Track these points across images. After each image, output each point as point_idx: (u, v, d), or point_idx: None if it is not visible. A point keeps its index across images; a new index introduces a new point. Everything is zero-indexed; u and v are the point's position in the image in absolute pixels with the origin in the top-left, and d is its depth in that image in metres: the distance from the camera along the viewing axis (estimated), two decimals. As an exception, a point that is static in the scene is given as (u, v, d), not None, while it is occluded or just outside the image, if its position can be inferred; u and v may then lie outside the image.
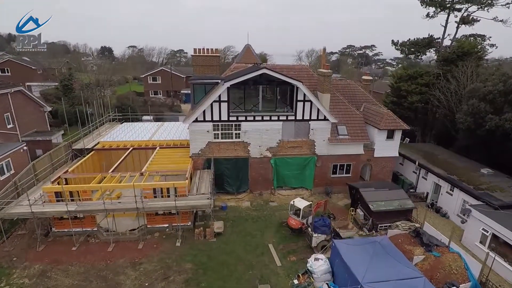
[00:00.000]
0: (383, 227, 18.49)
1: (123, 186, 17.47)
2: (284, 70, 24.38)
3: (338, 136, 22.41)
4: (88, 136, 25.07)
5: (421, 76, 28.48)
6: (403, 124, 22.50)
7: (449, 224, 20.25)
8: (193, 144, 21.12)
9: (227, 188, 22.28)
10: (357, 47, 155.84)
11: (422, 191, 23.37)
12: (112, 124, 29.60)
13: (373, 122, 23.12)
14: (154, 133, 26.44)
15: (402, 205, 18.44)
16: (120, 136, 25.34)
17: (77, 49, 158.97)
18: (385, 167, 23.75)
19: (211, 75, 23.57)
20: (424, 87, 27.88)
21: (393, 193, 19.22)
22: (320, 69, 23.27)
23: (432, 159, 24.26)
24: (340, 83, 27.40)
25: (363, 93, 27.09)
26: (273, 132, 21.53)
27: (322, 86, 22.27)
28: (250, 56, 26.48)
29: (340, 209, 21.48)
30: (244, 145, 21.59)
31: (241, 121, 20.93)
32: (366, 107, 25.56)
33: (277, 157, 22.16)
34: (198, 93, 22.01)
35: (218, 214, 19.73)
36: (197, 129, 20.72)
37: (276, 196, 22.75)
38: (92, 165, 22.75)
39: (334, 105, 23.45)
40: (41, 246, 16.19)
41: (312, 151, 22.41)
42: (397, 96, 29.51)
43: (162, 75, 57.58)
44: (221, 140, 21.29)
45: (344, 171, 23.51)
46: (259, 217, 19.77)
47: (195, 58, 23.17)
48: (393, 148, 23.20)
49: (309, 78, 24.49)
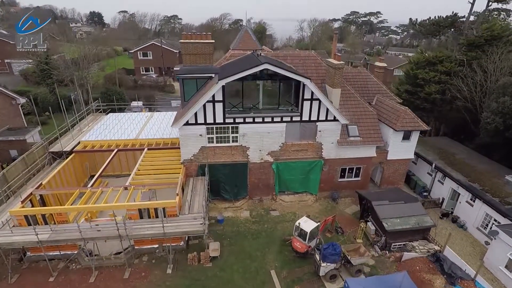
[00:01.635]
0: (397, 246, 16.71)
1: (105, 207, 15.17)
2: (288, 58, 21.27)
3: (349, 138, 19.88)
4: (68, 134, 22.38)
5: (441, 63, 25.17)
6: (422, 124, 19.88)
7: (467, 237, 18.51)
8: (184, 149, 18.61)
9: (224, 195, 20.18)
10: (361, 14, 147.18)
11: (437, 197, 21.40)
12: (96, 116, 26.75)
13: (388, 121, 20.46)
14: (142, 128, 23.77)
15: (420, 223, 16.48)
16: (104, 133, 22.68)
17: (65, 14, 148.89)
18: (398, 169, 21.53)
19: (203, 65, 20.38)
20: (445, 76, 24.69)
21: (409, 208, 17.17)
22: (329, 59, 20.10)
23: (449, 160, 22.00)
24: (351, 72, 24.22)
25: (376, 83, 24.05)
26: (275, 135, 18.96)
27: (332, 79, 19.26)
28: (248, 40, 23.01)
29: (348, 219, 19.59)
30: (243, 149, 19.11)
31: (239, 123, 18.25)
32: (379, 101, 22.73)
33: (279, 162, 19.81)
34: (189, 88, 19.03)
35: (214, 229, 17.80)
36: (189, 133, 18.09)
37: (277, 203, 20.73)
38: (73, 169, 20.42)
39: (344, 100, 20.60)
40: (13, 277, 14.32)
41: (318, 154, 20.00)
42: (413, 84, 26.35)
43: (153, 50, 53.04)
44: (216, 144, 18.75)
45: (353, 174, 21.30)
46: (259, 232, 17.86)
47: (184, 46, 19.76)
48: (408, 150, 20.80)
49: (317, 67, 21.36)
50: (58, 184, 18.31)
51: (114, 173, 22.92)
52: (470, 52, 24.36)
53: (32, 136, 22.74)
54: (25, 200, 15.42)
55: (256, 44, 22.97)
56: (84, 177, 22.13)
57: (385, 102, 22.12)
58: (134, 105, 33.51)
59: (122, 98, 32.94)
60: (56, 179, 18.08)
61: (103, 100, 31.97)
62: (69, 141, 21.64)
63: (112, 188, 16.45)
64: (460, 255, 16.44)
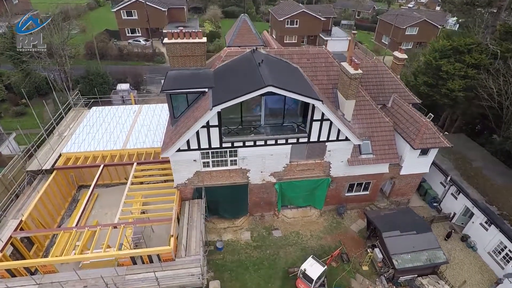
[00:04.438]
0: (405, 280, 16.05)
1: (95, 256, 13.79)
2: (295, 56, 18.10)
3: (360, 156, 17.85)
4: (46, 143, 20.01)
5: (470, 52, 21.61)
6: (443, 141, 17.69)
7: (476, 261, 17.87)
8: (177, 175, 16.68)
9: (223, 214, 18.91)
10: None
11: (448, 211, 20.26)
12: (78, 111, 23.95)
13: (405, 133, 18.19)
14: (129, 132, 21.39)
15: (431, 259, 15.53)
16: (88, 139, 20.39)
17: None
18: (410, 182, 19.97)
19: (194, 67, 17.31)
20: (472, 69, 21.42)
21: (421, 240, 16.07)
22: (345, 62, 16.93)
23: (465, 170, 20.34)
24: (365, 66, 20.90)
25: (393, 80, 20.99)
26: (279, 157, 16.88)
27: (347, 90, 16.48)
28: (246, 33, 19.14)
29: (353, 239, 18.71)
30: (242, 171, 17.20)
31: (238, 147, 16.02)
32: (396, 104, 20.06)
33: (283, 181, 18.09)
34: (178, 104, 16.29)
35: (213, 258, 16.92)
36: (181, 159, 15.95)
37: (280, 220, 19.60)
38: (58, 187, 18.69)
39: (358, 109, 18.01)
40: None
41: (326, 172, 18.20)
42: (434, 76, 23.11)
43: (138, 9, 46.44)
44: (213, 168, 16.77)
45: (362, 188, 19.81)
46: (261, 261, 17.00)
47: (170, 47, 16.42)
48: (425, 164, 18.96)
49: (328, 68, 18.31)
50: (42, 213, 16.79)
51: (104, 183, 21.26)
52: (506, 42, 20.70)
53: (8, 145, 20.32)
54: (5, 245, 14.02)
55: (256, 38, 19.28)
56: (72, 189, 20.49)
57: (403, 107, 19.50)
58: (121, 88, 30.19)
59: (106, 82, 29.41)
60: (38, 207, 16.49)
61: (85, 86, 28.69)
62: (48, 153, 19.43)
63: (100, 227, 14.92)
64: (469, 285, 16.00)
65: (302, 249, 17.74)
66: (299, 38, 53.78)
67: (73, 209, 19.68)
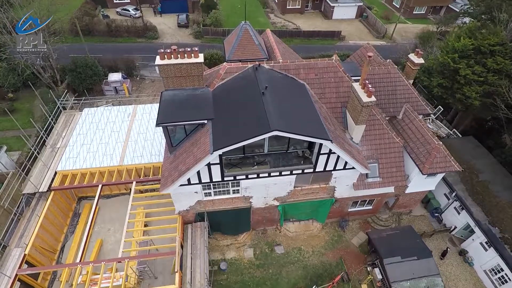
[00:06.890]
0: (402, 303, 16.72)
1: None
2: (301, 71, 16.49)
3: (367, 180, 17.29)
4: (39, 160, 19.13)
5: (493, 55, 19.50)
6: (454, 164, 16.96)
7: (471, 276, 18.49)
8: (178, 204, 16.28)
9: (225, 232, 18.99)
10: None
11: (449, 222, 20.38)
12: (69, 115, 22.62)
13: (415, 155, 17.39)
14: (126, 142, 20.49)
15: (430, 286, 15.98)
16: (83, 152, 19.59)
17: None
18: (414, 197, 19.73)
19: (191, 87, 15.82)
20: (492, 75, 19.56)
21: (422, 266, 16.36)
22: (357, 85, 15.35)
23: (472, 184, 19.92)
24: (377, 73, 19.17)
25: (407, 88, 19.43)
26: (283, 185, 16.31)
27: (357, 115, 15.26)
28: (248, 44, 16.86)
29: (354, 254, 19.09)
30: (245, 198, 16.79)
31: (240, 180, 15.35)
32: (408, 116, 18.84)
33: (286, 203, 17.81)
34: (176, 133, 15.18)
35: (217, 279, 17.40)
36: (182, 192, 15.37)
37: (282, 234, 19.77)
38: (57, 206, 18.47)
39: (367, 129, 16.86)
40: None
41: (330, 194, 17.82)
42: (450, 78, 21.22)
43: (124, -30, 41.39)
44: (215, 197, 16.31)
45: (365, 203, 19.64)
46: (264, 281, 17.51)
47: (163, 69, 14.73)
48: (431, 183, 18.50)
49: (337, 84, 16.82)
50: (44, 238, 16.81)
51: (104, 194, 20.95)
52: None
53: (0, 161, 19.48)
54: (13, 283, 14.20)
55: (259, 50, 17.20)
56: (72, 203, 20.33)
57: (415, 122, 18.34)
58: (113, 80, 28.18)
59: (97, 74, 27.22)
60: (40, 235, 16.39)
61: (73, 80, 26.77)
62: (43, 171, 18.73)
63: (104, 263, 14.98)
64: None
65: (303, 268, 18.18)
66: (303, 2, 49.06)
67: (75, 224, 19.72)
